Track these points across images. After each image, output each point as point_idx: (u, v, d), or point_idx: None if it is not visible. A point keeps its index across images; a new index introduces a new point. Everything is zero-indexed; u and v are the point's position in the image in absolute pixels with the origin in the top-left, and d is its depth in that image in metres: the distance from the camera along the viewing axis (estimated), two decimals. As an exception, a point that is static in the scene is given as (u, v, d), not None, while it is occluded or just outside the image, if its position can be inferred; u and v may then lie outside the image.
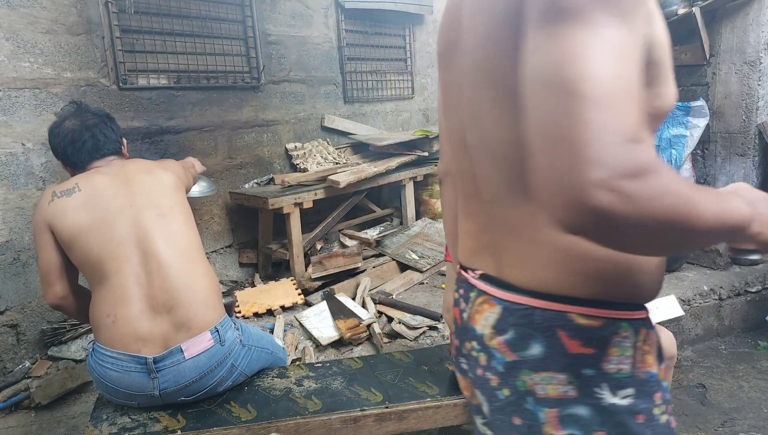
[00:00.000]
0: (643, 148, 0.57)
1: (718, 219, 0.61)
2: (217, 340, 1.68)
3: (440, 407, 1.66)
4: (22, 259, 2.77)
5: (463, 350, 0.95)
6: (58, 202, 1.68)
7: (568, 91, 0.58)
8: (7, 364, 2.69)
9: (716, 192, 0.66)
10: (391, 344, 2.82)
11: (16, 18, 2.70)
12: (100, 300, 1.66)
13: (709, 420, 2.18)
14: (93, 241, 1.65)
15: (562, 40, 0.60)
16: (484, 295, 0.87)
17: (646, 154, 0.56)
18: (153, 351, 1.61)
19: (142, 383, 1.60)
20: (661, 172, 0.57)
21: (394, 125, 5.12)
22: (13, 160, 2.72)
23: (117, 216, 1.69)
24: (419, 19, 5.23)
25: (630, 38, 0.60)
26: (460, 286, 0.97)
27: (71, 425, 2.35)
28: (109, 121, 1.89)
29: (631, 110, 0.57)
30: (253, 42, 3.83)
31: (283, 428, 1.57)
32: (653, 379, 0.79)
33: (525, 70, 0.65)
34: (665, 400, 0.81)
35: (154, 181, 1.80)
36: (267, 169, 4.04)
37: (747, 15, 3.55)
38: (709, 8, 3.62)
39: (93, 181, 1.75)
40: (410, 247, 3.91)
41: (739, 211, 0.65)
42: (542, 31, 0.63)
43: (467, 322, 0.91)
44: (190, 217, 1.83)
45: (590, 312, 0.77)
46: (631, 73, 0.59)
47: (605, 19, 0.59)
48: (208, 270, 1.79)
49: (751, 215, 0.66)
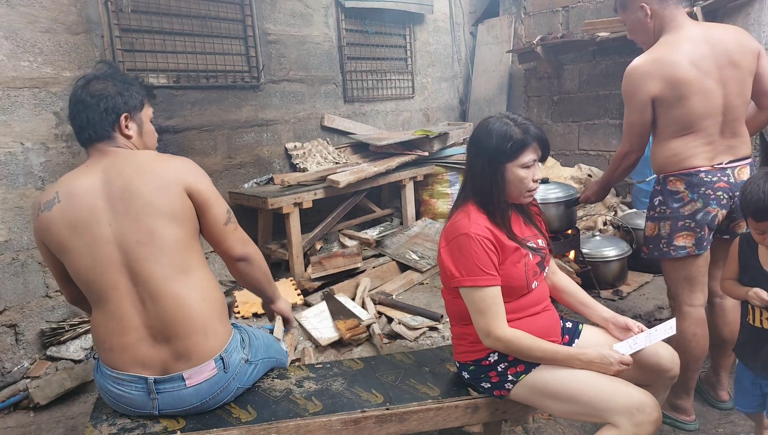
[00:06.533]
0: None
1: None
2: (221, 367, 1.57)
3: (441, 409, 1.65)
4: (21, 259, 2.77)
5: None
6: (42, 218, 1.51)
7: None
8: (5, 365, 2.69)
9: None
10: (390, 345, 2.82)
11: (16, 17, 2.69)
12: (97, 324, 1.56)
13: (709, 420, 2.18)
14: (78, 262, 1.50)
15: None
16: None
17: None
18: (154, 373, 1.53)
19: (142, 402, 1.56)
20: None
21: (394, 125, 5.11)
22: (12, 160, 2.71)
23: (97, 235, 1.48)
24: (420, 18, 5.23)
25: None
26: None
27: (70, 425, 2.34)
28: (109, 94, 1.56)
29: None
30: (253, 41, 3.82)
31: (283, 429, 1.57)
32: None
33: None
34: None
35: (154, 188, 1.49)
36: (266, 168, 4.03)
37: (748, 15, 3.55)
38: (711, 8, 3.62)
39: (74, 187, 1.52)
40: (410, 248, 3.91)
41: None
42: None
43: None
44: (190, 227, 1.54)
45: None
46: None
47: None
48: (209, 290, 1.58)
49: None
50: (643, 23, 2.02)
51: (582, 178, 4.76)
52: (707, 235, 2.00)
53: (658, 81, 1.90)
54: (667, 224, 2.03)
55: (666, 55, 1.91)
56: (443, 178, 4.54)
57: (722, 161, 1.96)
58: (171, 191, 1.50)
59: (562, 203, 2.97)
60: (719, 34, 1.95)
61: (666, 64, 1.89)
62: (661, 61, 1.90)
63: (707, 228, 1.98)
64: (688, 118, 1.92)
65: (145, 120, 1.67)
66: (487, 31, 5.78)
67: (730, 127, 1.96)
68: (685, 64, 1.88)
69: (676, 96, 1.90)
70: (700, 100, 1.90)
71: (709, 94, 1.90)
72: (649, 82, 1.91)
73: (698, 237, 1.99)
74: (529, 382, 1.58)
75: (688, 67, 1.88)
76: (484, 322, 1.55)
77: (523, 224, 1.72)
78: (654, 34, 2.01)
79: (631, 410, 1.42)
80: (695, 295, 2.06)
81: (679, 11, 1.97)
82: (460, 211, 1.64)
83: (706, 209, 1.96)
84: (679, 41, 1.92)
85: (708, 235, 2.00)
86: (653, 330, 1.65)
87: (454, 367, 1.83)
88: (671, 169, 2.01)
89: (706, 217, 1.97)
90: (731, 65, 1.91)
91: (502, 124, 1.58)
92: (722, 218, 1.99)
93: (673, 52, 1.90)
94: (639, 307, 3.08)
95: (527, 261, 1.62)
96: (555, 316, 1.72)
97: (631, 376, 1.59)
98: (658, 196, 2.07)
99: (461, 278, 1.55)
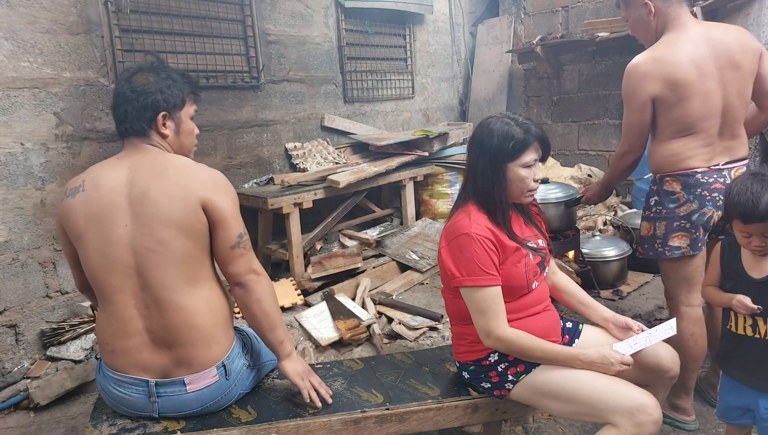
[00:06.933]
0: None
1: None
2: (223, 374, 1.57)
3: (441, 409, 1.66)
4: (21, 259, 2.77)
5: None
6: (65, 203, 1.52)
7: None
8: (6, 365, 2.69)
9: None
10: (390, 345, 2.82)
11: (16, 18, 2.69)
12: (101, 323, 1.56)
13: (709, 420, 2.18)
14: (89, 257, 1.50)
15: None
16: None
17: None
18: (155, 377, 1.53)
19: (142, 404, 1.56)
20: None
21: (394, 125, 5.11)
22: (12, 160, 2.71)
23: (111, 233, 1.47)
24: (419, 18, 5.23)
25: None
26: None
27: (70, 426, 2.34)
28: (149, 90, 1.54)
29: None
30: (253, 41, 3.82)
31: (283, 429, 1.57)
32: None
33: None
34: None
35: (171, 198, 1.47)
36: (266, 168, 4.03)
37: (748, 15, 3.55)
38: (710, 8, 3.62)
39: (100, 179, 1.51)
40: (410, 248, 3.91)
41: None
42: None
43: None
44: (200, 241, 1.51)
45: None
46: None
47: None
48: (215, 302, 1.57)
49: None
50: (645, 21, 2.01)
51: (582, 178, 4.76)
52: (702, 235, 2.00)
53: (658, 81, 1.89)
54: (662, 224, 2.03)
55: (667, 55, 1.89)
56: (443, 178, 4.54)
57: (719, 162, 1.96)
58: (186, 204, 1.47)
59: (562, 203, 2.97)
60: (721, 34, 1.93)
61: (667, 63, 1.88)
62: (662, 61, 1.89)
63: (702, 229, 1.99)
64: (687, 120, 1.92)
65: (185, 119, 1.63)
66: (486, 32, 5.79)
67: (729, 128, 1.95)
68: (685, 64, 1.87)
69: (676, 97, 1.90)
70: (700, 102, 1.89)
71: (710, 96, 1.89)
72: (650, 82, 1.90)
73: (693, 238, 1.99)
74: (530, 382, 1.59)
75: (688, 68, 1.87)
76: (485, 322, 1.55)
77: (524, 224, 1.72)
78: (656, 32, 2.00)
79: (631, 410, 1.42)
80: (693, 295, 2.06)
81: (683, 10, 1.95)
82: (461, 211, 1.64)
83: (702, 210, 1.96)
84: (680, 41, 1.91)
85: (703, 236, 2.00)
86: (653, 330, 1.65)
87: (454, 367, 1.83)
88: (668, 170, 2.00)
89: (701, 218, 1.97)
90: (732, 66, 1.90)
91: (504, 123, 1.58)
92: (717, 219, 1.99)
93: (674, 52, 1.89)
94: (639, 307, 3.09)
95: (527, 261, 1.62)
96: (555, 316, 1.73)
97: (632, 377, 1.59)
98: (654, 196, 2.07)
99: (462, 278, 1.55)
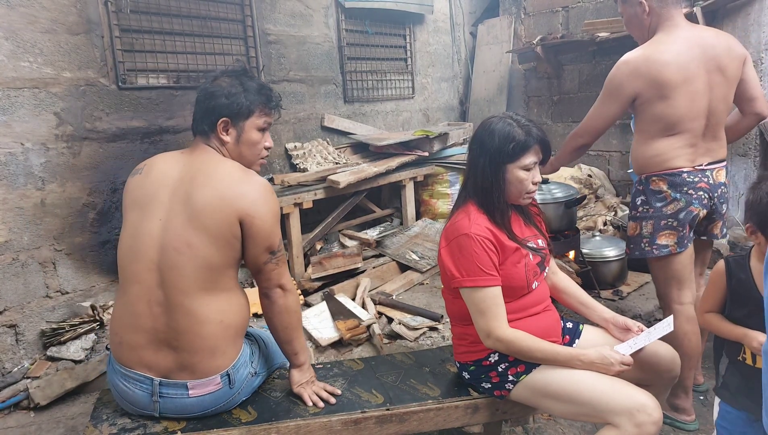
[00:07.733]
0: None
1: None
2: (227, 383, 1.57)
3: (442, 409, 1.66)
4: (21, 259, 2.77)
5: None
6: (129, 180, 1.61)
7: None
8: (6, 365, 2.68)
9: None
10: (391, 345, 2.82)
11: (16, 17, 2.69)
12: (116, 312, 1.58)
13: (709, 420, 2.18)
14: (123, 239, 1.55)
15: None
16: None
17: None
18: (158, 375, 1.54)
19: (145, 402, 1.56)
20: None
21: (394, 125, 5.11)
22: (12, 160, 2.71)
23: (144, 223, 1.51)
24: (420, 18, 5.23)
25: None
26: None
27: (70, 426, 2.34)
28: (218, 94, 1.57)
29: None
30: (253, 41, 3.82)
31: (283, 430, 1.57)
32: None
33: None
34: None
35: (209, 205, 1.47)
36: (266, 168, 4.03)
37: (748, 15, 3.55)
38: (711, 8, 3.62)
39: (157, 167, 1.58)
40: (410, 248, 3.91)
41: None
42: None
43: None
44: (229, 254, 1.51)
45: None
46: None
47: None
48: (230, 314, 1.55)
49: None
50: (639, 19, 2.04)
51: (582, 178, 4.76)
52: (688, 233, 2.04)
53: (644, 79, 1.93)
54: (649, 223, 2.06)
55: (657, 55, 1.93)
56: (443, 179, 4.54)
57: (702, 163, 2.01)
58: (223, 215, 1.47)
59: (562, 203, 2.98)
60: (711, 38, 1.97)
61: (656, 63, 1.92)
62: (652, 60, 1.93)
63: (689, 226, 2.03)
64: (672, 118, 1.95)
65: (249, 129, 1.62)
66: (487, 32, 5.78)
67: (711, 130, 2.00)
68: (673, 65, 1.91)
69: (659, 95, 1.93)
70: (686, 102, 1.92)
71: (696, 97, 1.93)
72: (636, 79, 1.94)
73: (680, 235, 2.02)
74: (530, 382, 1.59)
75: (676, 69, 1.90)
76: (485, 322, 1.55)
77: (523, 224, 1.72)
78: (649, 31, 2.04)
79: (631, 411, 1.42)
80: (684, 293, 2.09)
81: (677, 11, 1.99)
82: (461, 212, 1.64)
83: (689, 208, 2.00)
84: (671, 41, 1.95)
85: (689, 234, 2.04)
86: (652, 329, 1.66)
87: (455, 368, 1.83)
88: (654, 170, 2.03)
89: (688, 216, 2.01)
90: (719, 70, 1.94)
91: (505, 124, 1.59)
92: (702, 218, 2.04)
93: (664, 52, 1.93)
94: (639, 307, 3.09)
95: (527, 261, 1.62)
96: (555, 317, 1.73)
97: (632, 377, 1.59)
98: (640, 196, 2.10)
99: (462, 279, 1.55)
